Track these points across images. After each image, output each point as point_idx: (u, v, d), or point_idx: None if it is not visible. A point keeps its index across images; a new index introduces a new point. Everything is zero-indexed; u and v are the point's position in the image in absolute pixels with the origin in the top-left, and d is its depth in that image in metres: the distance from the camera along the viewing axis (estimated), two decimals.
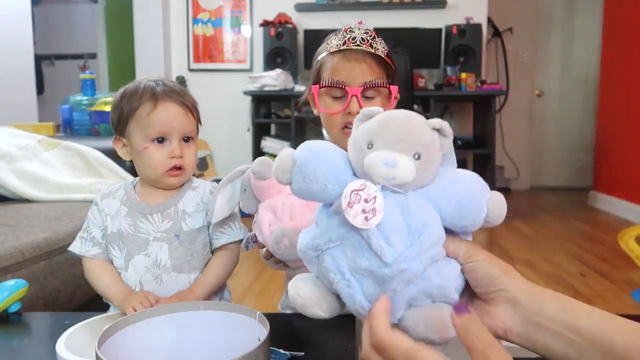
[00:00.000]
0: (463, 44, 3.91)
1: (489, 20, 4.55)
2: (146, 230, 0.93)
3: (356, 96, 0.93)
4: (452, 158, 0.52)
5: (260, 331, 0.63)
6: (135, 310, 0.80)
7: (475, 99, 4.14)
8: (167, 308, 0.68)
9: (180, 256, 0.93)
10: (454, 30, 3.92)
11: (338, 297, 0.51)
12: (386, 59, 0.96)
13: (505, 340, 0.49)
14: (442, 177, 0.50)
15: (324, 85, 0.96)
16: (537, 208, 4.57)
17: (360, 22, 0.97)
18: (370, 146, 0.48)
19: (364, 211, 0.46)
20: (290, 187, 0.51)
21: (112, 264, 0.95)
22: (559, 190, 5.34)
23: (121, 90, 0.94)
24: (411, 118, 0.50)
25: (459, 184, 0.49)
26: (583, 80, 5.40)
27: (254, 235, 0.87)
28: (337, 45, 0.96)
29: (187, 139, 0.93)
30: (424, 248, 0.46)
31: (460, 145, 4.02)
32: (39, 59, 4.96)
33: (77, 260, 0.97)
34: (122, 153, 0.96)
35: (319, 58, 1.01)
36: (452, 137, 0.51)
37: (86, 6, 6.07)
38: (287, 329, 0.86)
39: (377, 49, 0.95)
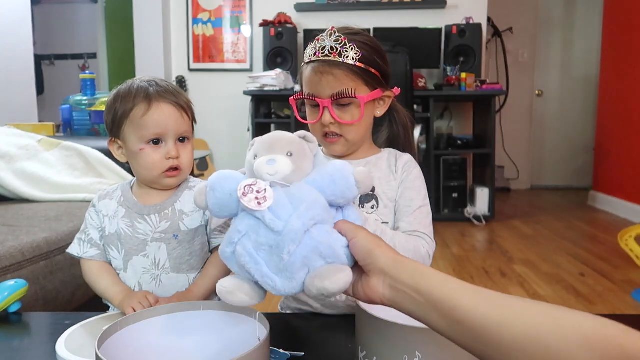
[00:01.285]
0: (463, 44, 3.91)
1: (489, 20, 4.55)
2: (144, 231, 0.92)
3: (327, 107, 0.95)
4: (322, 156, 0.65)
5: (260, 331, 0.63)
6: (135, 310, 0.80)
7: (475, 99, 4.14)
8: (167, 308, 0.68)
9: (179, 256, 0.93)
10: (454, 30, 3.92)
11: (257, 283, 0.60)
12: (359, 65, 0.94)
13: (382, 305, 0.59)
14: (317, 167, 0.66)
15: (297, 97, 0.99)
16: (537, 208, 4.57)
17: (333, 28, 0.96)
18: (255, 157, 0.64)
19: (256, 198, 0.59)
20: (208, 208, 0.64)
21: (111, 265, 0.95)
22: (559, 190, 5.34)
23: (114, 91, 0.93)
24: (282, 132, 0.67)
25: (328, 166, 0.65)
26: (583, 80, 5.40)
27: None
28: (309, 56, 0.97)
29: (182, 139, 0.93)
30: (303, 211, 0.59)
31: (460, 145, 4.02)
32: (39, 59, 4.96)
33: (77, 260, 0.97)
34: (118, 155, 0.96)
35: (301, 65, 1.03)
36: (316, 142, 0.68)
37: (86, 6, 6.07)
38: (287, 329, 0.87)
39: (347, 57, 0.94)
